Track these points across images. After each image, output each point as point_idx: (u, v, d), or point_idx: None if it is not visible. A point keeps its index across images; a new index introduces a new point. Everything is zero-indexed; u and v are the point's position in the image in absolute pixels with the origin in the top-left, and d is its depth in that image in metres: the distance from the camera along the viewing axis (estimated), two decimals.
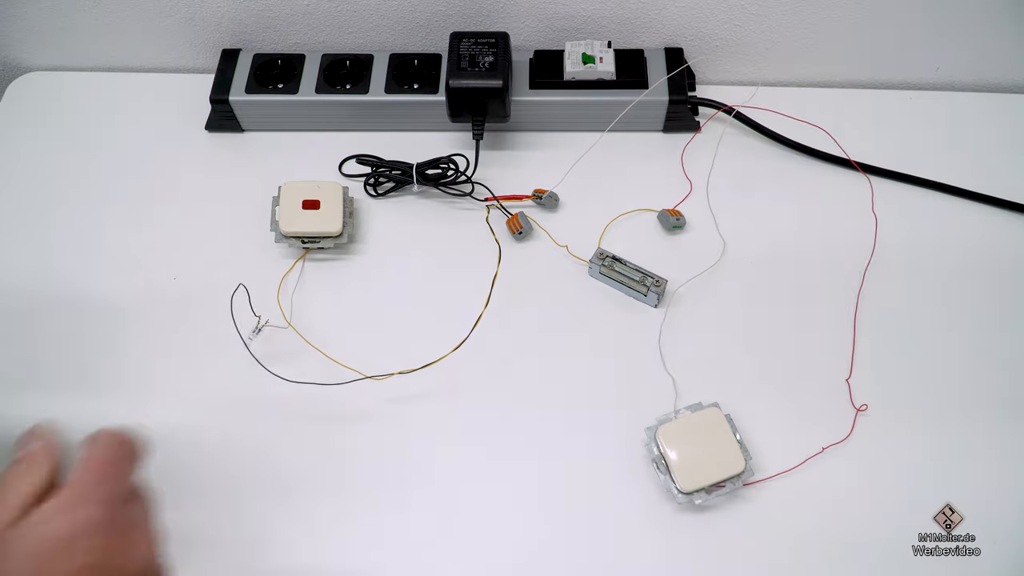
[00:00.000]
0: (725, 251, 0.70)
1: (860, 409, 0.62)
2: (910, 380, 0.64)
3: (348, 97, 0.75)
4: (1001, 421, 0.62)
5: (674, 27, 0.77)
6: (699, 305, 0.67)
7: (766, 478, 0.59)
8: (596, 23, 0.77)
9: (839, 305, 0.67)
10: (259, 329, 0.64)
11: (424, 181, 0.72)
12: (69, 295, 0.68)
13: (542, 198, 0.72)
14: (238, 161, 0.76)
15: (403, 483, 0.60)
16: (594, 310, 0.68)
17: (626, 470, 0.60)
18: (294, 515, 0.59)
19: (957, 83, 0.81)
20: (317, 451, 0.61)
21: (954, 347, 0.66)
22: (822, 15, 0.75)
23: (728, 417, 0.60)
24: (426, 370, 0.62)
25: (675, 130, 0.77)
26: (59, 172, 0.75)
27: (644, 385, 0.63)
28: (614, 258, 0.68)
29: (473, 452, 0.61)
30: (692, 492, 0.57)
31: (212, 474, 0.60)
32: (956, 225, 0.72)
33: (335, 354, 0.63)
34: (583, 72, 0.73)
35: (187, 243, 0.71)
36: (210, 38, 0.79)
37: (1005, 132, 0.77)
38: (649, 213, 0.72)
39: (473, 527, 0.59)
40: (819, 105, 0.78)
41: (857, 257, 0.70)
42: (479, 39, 0.72)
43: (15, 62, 0.82)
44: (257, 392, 0.63)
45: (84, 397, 0.63)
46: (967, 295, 0.68)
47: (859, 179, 0.74)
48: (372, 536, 0.58)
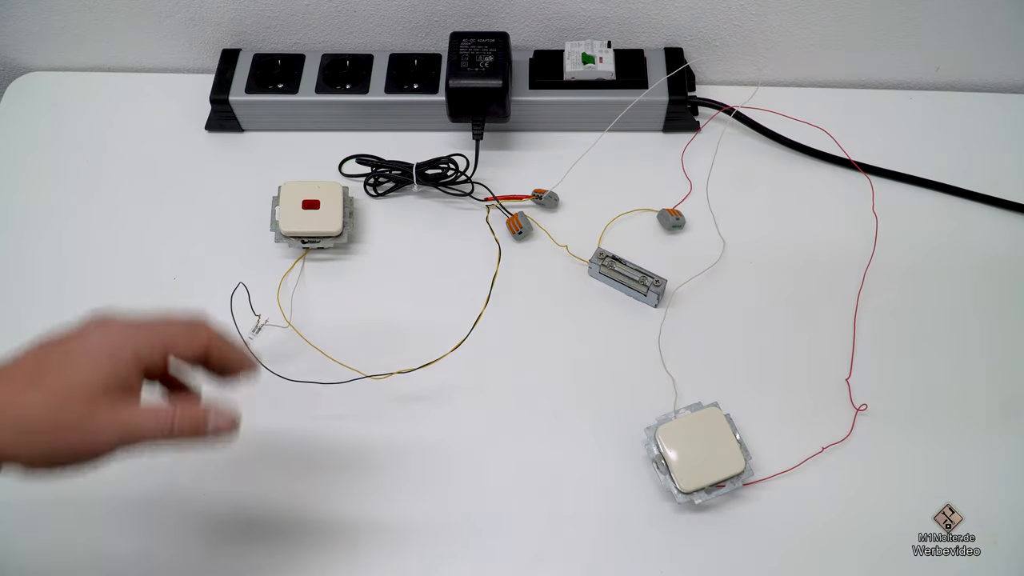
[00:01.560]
0: (725, 251, 0.70)
1: (860, 409, 0.62)
2: (910, 380, 0.64)
3: (348, 97, 0.75)
4: (1001, 421, 0.62)
5: (674, 27, 0.77)
6: (699, 305, 0.67)
7: (766, 478, 0.59)
8: (596, 23, 0.77)
9: (839, 305, 0.67)
10: (259, 328, 0.65)
11: (424, 181, 0.72)
12: (69, 295, 0.68)
13: (542, 198, 0.72)
14: (238, 161, 0.76)
15: (403, 482, 0.60)
16: (594, 310, 0.68)
17: (626, 470, 0.60)
18: (294, 515, 0.59)
19: (957, 83, 0.81)
20: (316, 450, 0.61)
21: (954, 347, 0.66)
22: (822, 15, 0.75)
23: (728, 417, 0.60)
24: (426, 370, 0.62)
25: (675, 130, 0.77)
26: (59, 172, 0.75)
27: (644, 385, 0.63)
28: (614, 258, 0.68)
29: (473, 452, 0.61)
30: (692, 492, 0.57)
31: (212, 473, 0.60)
32: (956, 225, 0.72)
33: (335, 354, 0.63)
34: (583, 72, 0.73)
35: (187, 243, 0.71)
36: (210, 38, 0.79)
37: (1005, 132, 0.77)
38: (649, 213, 0.72)
39: (473, 527, 0.59)
40: (819, 105, 0.78)
41: (857, 257, 0.70)
42: (479, 39, 0.72)
43: (15, 62, 0.82)
44: (257, 391, 0.63)
45: None
46: (967, 295, 0.68)
47: (859, 179, 0.74)
48: (372, 536, 0.58)
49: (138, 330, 0.45)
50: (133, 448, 0.44)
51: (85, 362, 0.43)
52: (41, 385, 0.42)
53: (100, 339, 0.44)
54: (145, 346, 0.45)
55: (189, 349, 0.46)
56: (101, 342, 0.44)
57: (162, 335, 0.46)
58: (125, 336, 0.45)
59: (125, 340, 0.44)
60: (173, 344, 0.46)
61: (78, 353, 0.44)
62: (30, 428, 0.42)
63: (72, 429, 0.42)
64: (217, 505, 0.59)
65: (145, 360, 0.45)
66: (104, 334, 0.45)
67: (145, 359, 0.45)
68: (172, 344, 0.46)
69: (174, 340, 0.46)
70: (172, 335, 0.46)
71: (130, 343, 0.44)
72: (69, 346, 0.44)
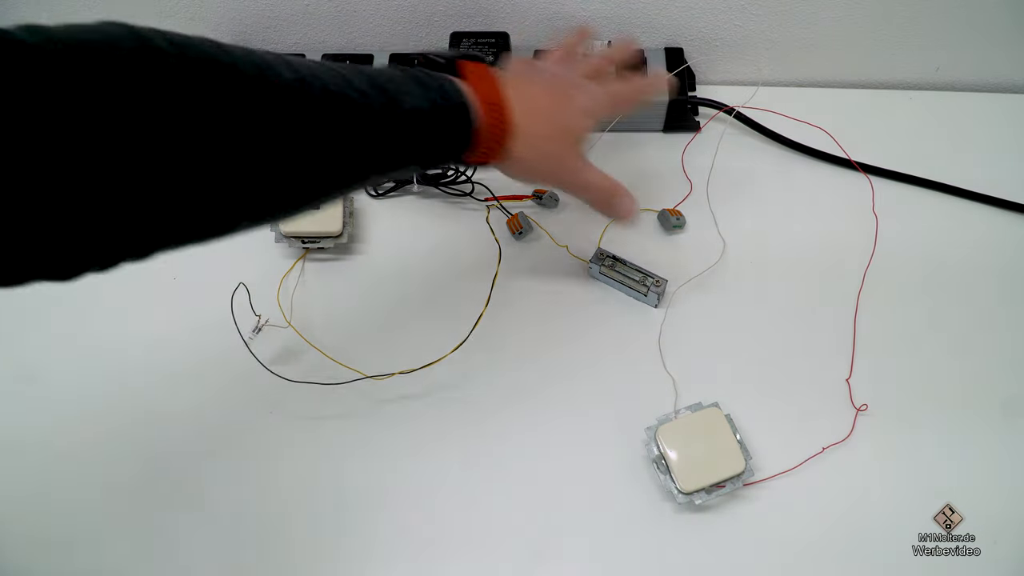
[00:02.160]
0: (725, 251, 0.70)
1: (860, 409, 0.62)
2: (910, 380, 0.64)
3: None
4: (1001, 421, 0.62)
5: (674, 27, 0.77)
6: (699, 305, 0.67)
7: (766, 478, 0.59)
8: (596, 23, 0.77)
9: (839, 305, 0.67)
10: (259, 328, 0.64)
11: (424, 181, 0.72)
12: (69, 295, 0.68)
13: (542, 198, 0.72)
14: None
15: (403, 482, 0.60)
16: (594, 310, 0.68)
17: (626, 470, 0.60)
18: (293, 514, 0.59)
19: (957, 83, 0.81)
20: (316, 450, 0.61)
21: (954, 347, 0.66)
22: (822, 15, 0.75)
23: (728, 417, 0.60)
24: (426, 370, 0.62)
25: (675, 130, 0.77)
26: None
27: (644, 385, 0.63)
28: (614, 258, 0.68)
29: (473, 452, 0.61)
30: (692, 492, 0.57)
31: (212, 473, 0.60)
32: (956, 225, 0.72)
33: (335, 354, 0.63)
34: None
35: None
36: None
37: (1005, 132, 0.77)
38: (649, 213, 0.72)
39: (473, 527, 0.59)
40: (819, 105, 0.78)
41: (857, 257, 0.70)
42: (479, 39, 0.72)
43: None
44: (257, 391, 0.63)
45: (84, 397, 0.64)
46: (967, 295, 0.68)
47: (859, 179, 0.74)
48: (372, 536, 0.58)
49: (608, 104, 0.59)
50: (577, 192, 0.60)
51: (579, 116, 0.57)
52: (549, 116, 0.56)
53: (588, 102, 0.58)
54: (606, 116, 0.61)
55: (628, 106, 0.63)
56: (589, 105, 0.58)
57: (618, 106, 0.61)
58: (601, 107, 0.59)
59: (600, 110, 0.58)
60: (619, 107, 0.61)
61: (574, 106, 0.57)
62: (533, 147, 0.54)
63: (556, 158, 0.57)
64: (217, 505, 0.59)
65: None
66: (591, 98, 0.58)
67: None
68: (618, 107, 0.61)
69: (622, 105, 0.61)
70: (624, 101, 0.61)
71: (602, 112, 0.59)
72: (573, 93, 0.58)
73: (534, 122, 0.54)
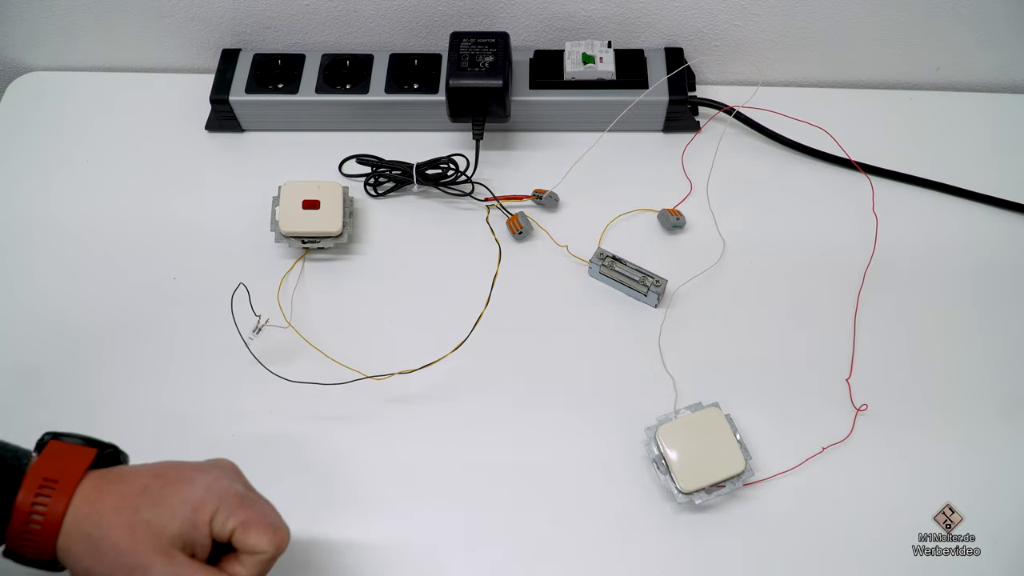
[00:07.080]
0: (725, 251, 0.70)
1: (860, 409, 0.62)
2: (910, 380, 0.64)
3: (348, 97, 0.75)
4: (1001, 421, 0.62)
5: (674, 27, 0.77)
6: (699, 305, 0.67)
7: (766, 478, 0.59)
8: (596, 23, 0.77)
9: (839, 305, 0.67)
10: (259, 328, 0.64)
11: (424, 181, 0.72)
12: (69, 295, 0.69)
13: (542, 198, 0.72)
14: (238, 161, 0.76)
15: (403, 482, 0.60)
16: (594, 310, 0.68)
17: (626, 470, 0.60)
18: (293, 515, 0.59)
19: (957, 83, 0.81)
20: (316, 451, 0.61)
21: (954, 347, 0.66)
22: (822, 15, 0.75)
23: (728, 417, 0.60)
24: (426, 370, 0.62)
25: (675, 130, 0.77)
26: (59, 172, 0.75)
27: (644, 385, 0.63)
28: (614, 258, 0.68)
29: (473, 452, 0.61)
30: (692, 492, 0.57)
31: None
32: (956, 225, 0.72)
33: (335, 354, 0.63)
34: (583, 72, 0.73)
35: (187, 243, 0.71)
36: (210, 38, 0.79)
37: (1005, 132, 0.77)
38: (649, 213, 0.72)
39: (473, 527, 0.59)
40: (819, 105, 0.78)
41: (857, 257, 0.70)
42: (479, 39, 0.72)
43: (15, 62, 0.82)
44: (257, 392, 0.63)
45: (84, 396, 0.64)
46: (967, 295, 0.68)
47: (859, 179, 0.74)
48: (370, 535, 0.58)
49: (237, 505, 0.46)
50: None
51: (177, 506, 0.45)
52: (133, 512, 0.45)
53: (203, 489, 0.46)
54: (230, 520, 0.46)
55: (255, 543, 0.46)
56: (201, 493, 0.46)
57: (250, 520, 0.46)
58: (221, 499, 0.46)
59: (214, 501, 0.46)
60: (249, 531, 0.46)
61: (176, 495, 0.46)
62: (99, 548, 0.44)
63: (129, 558, 0.44)
64: None
65: (219, 533, 0.46)
66: (209, 484, 0.46)
67: (220, 532, 0.46)
68: (249, 530, 0.46)
69: (255, 529, 0.46)
70: (257, 523, 0.47)
71: (221, 508, 0.46)
72: (182, 476, 0.47)
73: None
